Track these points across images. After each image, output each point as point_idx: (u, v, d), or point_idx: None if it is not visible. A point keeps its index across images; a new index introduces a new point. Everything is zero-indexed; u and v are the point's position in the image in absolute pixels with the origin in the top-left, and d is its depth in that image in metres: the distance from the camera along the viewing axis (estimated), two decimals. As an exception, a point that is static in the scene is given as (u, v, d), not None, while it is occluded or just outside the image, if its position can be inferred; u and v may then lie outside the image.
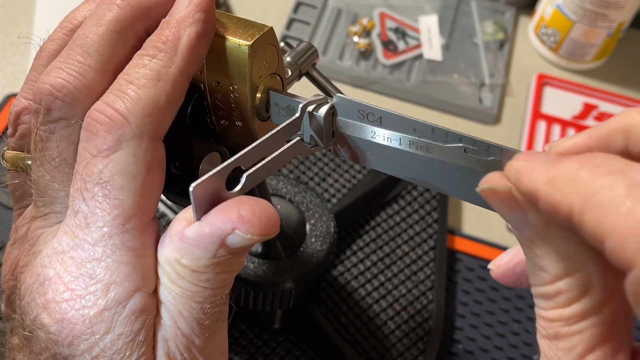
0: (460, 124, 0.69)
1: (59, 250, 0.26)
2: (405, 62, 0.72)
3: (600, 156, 0.20)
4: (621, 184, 0.19)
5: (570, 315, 0.22)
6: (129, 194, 0.25)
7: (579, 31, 0.71)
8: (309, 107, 0.28)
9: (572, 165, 0.20)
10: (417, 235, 0.58)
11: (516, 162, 0.22)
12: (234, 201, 0.25)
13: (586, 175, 0.20)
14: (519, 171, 0.22)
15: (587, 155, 0.20)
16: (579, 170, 0.20)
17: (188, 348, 0.26)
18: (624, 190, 0.19)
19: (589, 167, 0.20)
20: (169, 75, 0.26)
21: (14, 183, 0.31)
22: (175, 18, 0.27)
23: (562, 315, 0.22)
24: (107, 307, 0.25)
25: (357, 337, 0.52)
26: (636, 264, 0.18)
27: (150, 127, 0.25)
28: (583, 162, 0.20)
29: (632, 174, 0.19)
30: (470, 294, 0.57)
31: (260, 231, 0.25)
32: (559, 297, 0.22)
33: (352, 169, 0.61)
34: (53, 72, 0.26)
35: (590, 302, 0.22)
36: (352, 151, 0.29)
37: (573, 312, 0.22)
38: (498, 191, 0.23)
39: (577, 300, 0.22)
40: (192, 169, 0.31)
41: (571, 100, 0.72)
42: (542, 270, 0.23)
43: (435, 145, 0.26)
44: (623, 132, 0.23)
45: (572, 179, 0.20)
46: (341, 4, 0.76)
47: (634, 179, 0.19)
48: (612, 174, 0.19)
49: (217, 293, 0.26)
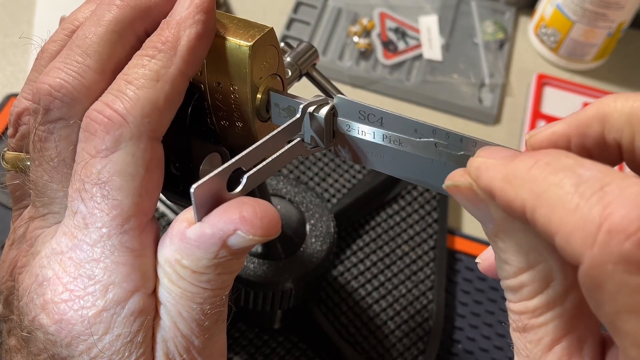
0: (460, 124, 0.69)
1: (58, 251, 0.26)
2: (405, 62, 0.72)
3: (552, 154, 0.21)
4: (569, 182, 0.19)
5: (535, 307, 0.22)
6: (127, 195, 0.25)
7: (579, 31, 0.71)
8: (310, 108, 0.28)
9: (525, 163, 0.21)
10: (417, 235, 0.58)
11: (477, 158, 0.23)
12: (235, 202, 0.25)
13: (537, 173, 0.20)
14: (478, 168, 0.23)
15: (540, 153, 0.21)
16: (531, 168, 0.21)
17: (187, 349, 0.26)
18: (571, 187, 0.19)
19: (540, 165, 0.20)
20: (168, 75, 0.26)
21: (14, 183, 0.31)
22: (176, 19, 0.27)
23: (527, 307, 0.23)
24: (106, 307, 0.25)
25: (357, 337, 0.52)
26: (583, 258, 0.18)
27: (149, 128, 0.25)
28: (536, 160, 0.21)
29: (580, 170, 0.20)
30: (470, 294, 0.57)
31: (262, 232, 0.25)
32: (523, 289, 0.23)
33: (352, 169, 0.61)
34: (52, 72, 0.26)
35: (552, 293, 0.22)
36: (352, 152, 0.29)
37: (537, 304, 0.22)
38: (460, 187, 0.24)
39: (540, 292, 0.22)
40: (193, 169, 0.31)
41: (571, 100, 0.72)
42: (506, 263, 0.23)
43: (407, 140, 0.27)
44: (599, 119, 0.24)
45: (525, 177, 0.21)
46: (341, 4, 0.76)
47: (582, 176, 0.19)
48: (561, 172, 0.20)
49: (217, 294, 0.26)
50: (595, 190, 0.19)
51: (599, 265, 0.18)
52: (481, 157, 0.23)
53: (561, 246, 0.19)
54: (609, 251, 0.18)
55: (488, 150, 0.23)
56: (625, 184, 0.19)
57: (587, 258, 0.18)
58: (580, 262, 0.19)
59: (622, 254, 0.18)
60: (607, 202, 0.18)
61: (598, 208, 0.18)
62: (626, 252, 0.18)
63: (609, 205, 0.18)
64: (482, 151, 0.24)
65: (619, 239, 0.18)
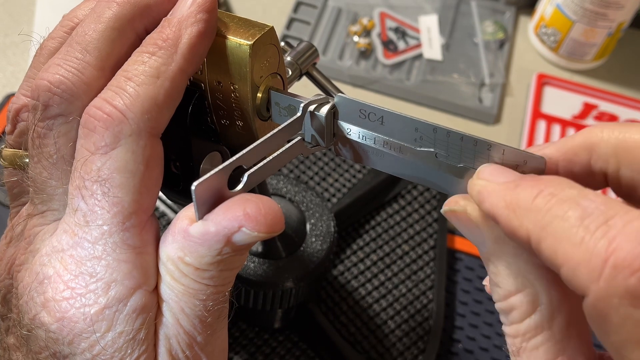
0: (460, 124, 0.69)
1: (59, 249, 0.26)
2: (405, 61, 0.73)
3: (555, 183, 0.21)
4: (574, 214, 0.20)
5: (525, 331, 0.23)
6: (127, 192, 0.25)
7: (579, 31, 0.71)
8: (310, 107, 0.28)
9: (529, 192, 0.21)
10: (417, 234, 0.58)
11: (478, 181, 0.24)
12: (238, 199, 0.25)
13: (542, 204, 0.21)
14: (480, 193, 0.23)
15: (543, 182, 0.22)
16: (535, 198, 0.21)
17: (190, 345, 0.26)
18: (576, 220, 0.20)
19: (545, 196, 0.21)
20: (168, 72, 0.26)
21: (11, 180, 0.31)
22: (177, 17, 0.27)
23: (518, 331, 0.24)
24: (108, 305, 0.25)
25: (357, 336, 0.52)
26: (589, 291, 0.19)
27: (148, 124, 0.25)
28: (539, 190, 0.21)
29: (584, 202, 0.20)
30: (470, 294, 0.57)
31: (266, 228, 0.25)
32: (513, 312, 0.24)
33: (352, 169, 0.61)
34: (51, 68, 0.26)
35: (539, 317, 0.23)
36: (353, 150, 0.29)
37: (527, 327, 0.23)
38: (457, 212, 0.25)
39: (528, 315, 0.23)
40: (193, 168, 0.31)
41: (571, 99, 0.72)
42: (497, 286, 0.24)
43: (408, 148, 0.27)
44: (586, 148, 0.25)
45: (529, 207, 0.21)
46: (341, 4, 0.76)
47: (586, 209, 0.20)
48: (565, 203, 0.20)
49: (220, 290, 0.26)
50: (600, 224, 0.19)
51: (605, 299, 0.19)
52: (482, 179, 0.24)
53: (567, 278, 0.20)
54: (615, 285, 0.18)
55: (488, 171, 0.24)
56: (628, 217, 0.19)
57: (593, 291, 0.19)
58: (586, 295, 0.19)
59: (627, 289, 0.18)
60: (611, 236, 0.19)
61: (603, 242, 0.19)
62: (632, 287, 0.18)
63: (614, 240, 0.19)
64: (482, 172, 0.24)
65: (624, 274, 0.18)
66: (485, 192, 0.23)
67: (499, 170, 0.24)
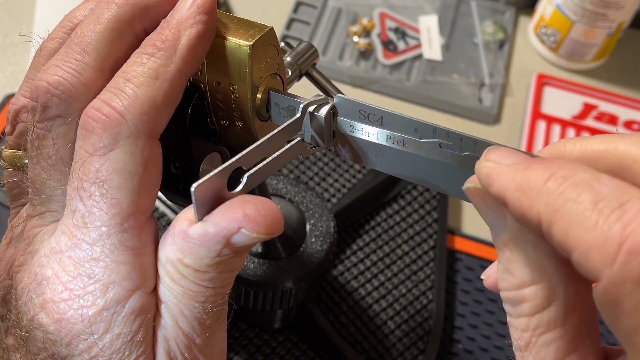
0: (460, 124, 0.69)
1: (57, 250, 0.26)
2: (405, 62, 0.72)
3: (568, 166, 0.21)
4: (587, 197, 0.19)
5: (536, 326, 0.23)
6: (126, 193, 0.25)
7: (579, 31, 0.71)
8: (310, 108, 0.28)
9: (541, 174, 0.21)
10: (417, 234, 0.58)
11: (485, 163, 0.23)
12: (237, 200, 0.25)
13: (554, 187, 0.20)
14: (488, 175, 0.22)
15: (555, 164, 0.21)
16: (547, 181, 0.20)
17: (189, 347, 0.26)
18: (589, 204, 0.19)
19: (557, 179, 0.20)
20: (167, 74, 0.26)
21: (11, 181, 0.31)
22: (176, 18, 0.27)
23: (529, 325, 0.23)
24: (106, 306, 0.25)
25: (357, 336, 0.52)
26: (602, 276, 0.19)
27: (147, 126, 0.25)
28: (551, 173, 0.21)
29: (598, 186, 0.20)
30: (470, 294, 0.57)
31: (266, 229, 0.25)
32: (523, 304, 0.23)
33: (352, 169, 0.61)
34: (50, 69, 0.26)
35: (553, 313, 0.22)
36: (353, 151, 0.29)
37: (538, 322, 0.23)
38: (481, 190, 0.24)
39: (541, 310, 0.22)
40: (193, 169, 0.31)
41: (571, 100, 0.72)
42: (509, 274, 0.23)
43: (411, 140, 0.27)
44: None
45: (540, 189, 0.20)
46: (341, 4, 0.76)
47: (599, 192, 0.19)
48: (578, 186, 0.20)
49: (219, 292, 0.26)
50: (614, 207, 0.19)
51: (619, 284, 0.18)
52: (490, 161, 0.23)
53: (579, 262, 0.19)
54: (629, 270, 0.18)
55: (496, 153, 0.23)
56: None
57: (606, 276, 0.18)
58: (599, 279, 0.19)
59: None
60: (627, 220, 0.18)
61: (618, 226, 0.18)
62: None
63: (629, 224, 0.18)
64: (489, 153, 0.23)
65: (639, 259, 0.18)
66: (494, 174, 0.22)
67: (508, 152, 0.23)
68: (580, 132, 0.69)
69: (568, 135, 0.69)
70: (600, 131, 0.70)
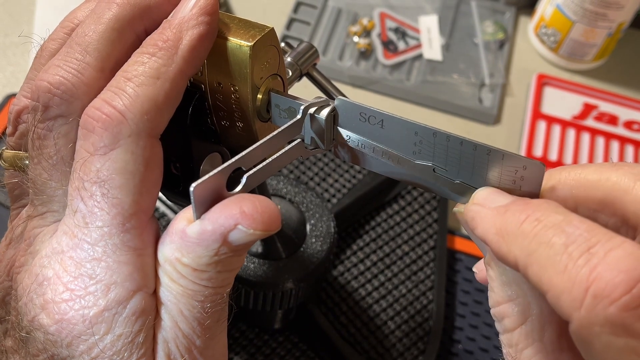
0: (460, 124, 0.69)
1: (58, 250, 0.26)
2: (405, 62, 0.72)
3: (542, 208, 0.22)
4: (558, 241, 0.20)
5: (517, 341, 0.24)
6: (127, 193, 0.25)
7: (579, 31, 0.71)
8: (311, 109, 0.28)
9: (516, 217, 0.22)
10: (417, 235, 0.58)
11: (472, 207, 0.25)
12: (234, 198, 0.25)
13: (528, 230, 0.21)
14: (473, 219, 0.24)
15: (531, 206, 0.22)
16: (522, 223, 0.22)
17: (189, 349, 0.26)
18: (560, 247, 0.20)
19: (531, 221, 0.21)
20: (168, 73, 0.26)
21: (12, 182, 0.30)
22: (178, 19, 0.27)
23: (511, 340, 0.24)
24: (108, 307, 0.25)
25: (357, 337, 0.52)
26: (572, 318, 0.20)
27: (147, 125, 0.25)
28: (527, 215, 0.22)
29: (568, 229, 0.21)
30: (470, 294, 0.57)
31: (262, 226, 0.25)
32: (505, 320, 0.24)
33: (352, 169, 0.61)
34: (51, 69, 0.26)
35: (530, 327, 0.24)
36: (352, 153, 0.29)
37: (518, 338, 0.24)
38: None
39: (519, 325, 0.24)
40: (193, 169, 0.31)
41: (571, 100, 0.72)
42: (492, 291, 0.25)
43: (405, 160, 0.27)
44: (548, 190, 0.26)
45: (516, 232, 0.22)
46: (341, 4, 0.76)
47: (570, 236, 0.20)
48: (550, 229, 0.21)
49: (218, 292, 0.26)
50: (583, 251, 0.20)
51: (587, 327, 0.19)
52: (476, 205, 0.24)
53: (552, 304, 0.20)
54: (595, 314, 0.19)
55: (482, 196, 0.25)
56: (610, 245, 0.20)
57: (576, 319, 0.20)
58: (570, 321, 0.20)
59: (607, 318, 0.19)
60: (593, 265, 0.19)
61: (585, 271, 0.19)
62: (611, 316, 0.19)
63: (595, 269, 0.19)
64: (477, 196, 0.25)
65: (603, 303, 0.19)
66: (478, 217, 0.24)
67: (493, 194, 0.24)
68: (580, 132, 0.69)
69: (568, 136, 0.69)
70: (600, 131, 0.70)
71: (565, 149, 0.68)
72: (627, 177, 0.24)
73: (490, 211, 0.23)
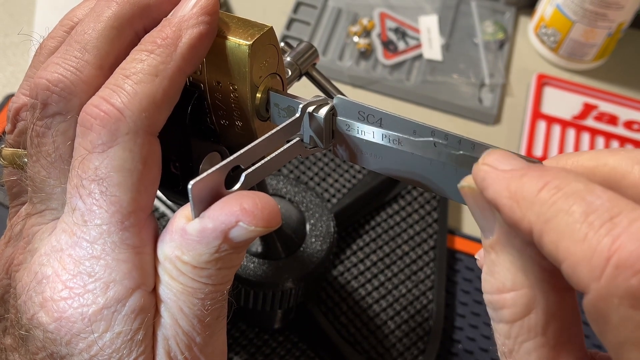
0: (460, 124, 0.69)
1: (57, 248, 0.26)
2: (405, 62, 0.72)
3: (562, 176, 0.21)
4: (578, 209, 0.19)
5: (517, 334, 0.23)
6: (126, 190, 0.25)
7: (579, 31, 0.71)
8: (309, 108, 0.28)
9: (534, 184, 0.21)
10: (417, 235, 0.58)
11: (482, 166, 0.23)
12: (234, 195, 0.25)
13: (546, 197, 0.20)
14: (484, 179, 0.23)
15: (550, 173, 0.21)
16: (541, 191, 0.20)
17: (189, 346, 0.26)
18: (580, 215, 0.19)
19: (550, 189, 0.20)
20: (167, 71, 0.26)
21: (10, 180, 0.30)
22: (178, 17, 0.27)
23: (510, 332, 0.23)
24: (107, 305, 0.25)
25: (357, 337, 0.52)
26: (589, 289, 0.19)
27: (146, 123, 0.25)
28: (545, 182, 0.21)
29: (590, 197, 0.20)
30: (470, 294, 0.57)
31: (263, 222, 0.25)
32: (504, 310, 0.23)
33: (352, 169, 0.61)
34: (50, 67, 0.26)
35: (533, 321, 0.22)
36: (350, 152, 0.29)
37: (519, 330, 0.23)
38: (475, 191, 0.24)
39: (521, 317, 0.23)
40: (192, 168, 0.31)
41: (571, 100, 0.72)
42: (492, 276, 0.23)
43: (406, 139, 0.27)
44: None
45: (533, 199, 0.20)
46: (341, 4, 0.76)
47: (591, 204, 0.19)
48: (570, 197, 0.20)
49: (218, 289, 0.26)
50: (605, 220, 0.19)
51: (605, 298, 0.18)
52: (487, 165, 0.23)
53: (567, 274, 0.19)
54: (616, 285, 0.18)
55: (493, 157, 0.23)
56: (634, 215, 0.19)
57: (594, 290, 0.18)
58: (586, 292, 0.19)
59: (628, 289, 0.18)
60: (615, 234, 0.18)
61: (607, 240, 0.18)
62: (633, 288, 0.18)
63: (617, 239, 0.18)
64: (487, 157, 0.23)
65: (626, 274, 0.18)
66: (489, 178, 0.22)
67: (506, 156, 0.23)
68: (580, 132, 0.69)
69: (568, 136, 0.69)
70: (600, 131, 0.70)
71: (565, 149, 0.68)
72: (624, 161, 0.23)
73: (503, 173, 0.22)
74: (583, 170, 0.24)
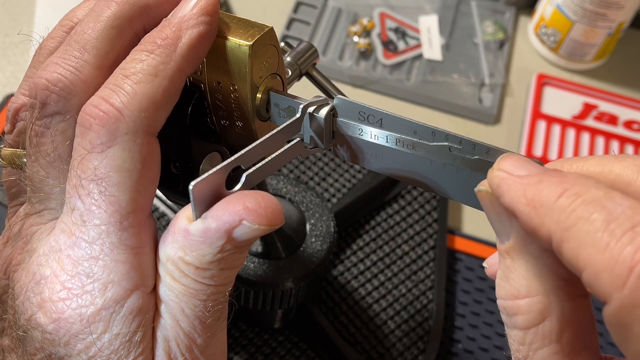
0: (460, 124, 0.69)
1: (56, 249, 0.26)
2: (405, 62, 0.72)
3: (581, 183, 0.20)
4: (599, 217, 0.19)
5: (532, 341, 0.22)
6: (125, 191, 0.25)
7: (579, 31, 0.71)
8: (310, 108, 0.28)
9: (553, 190, 0.20)
10: (417, 234, 0.58)
11: (497, 172, 0.22)
12: (236, 195, 0.25)
13: (566, 205, 0.20)
14: (499, 186, 0.22)
15: (568, 180, 0.20)
16: (559, 198, 0.20)
17: (189, 348, 0.26)
18: (601, 224, 0.19)
19: (569, 196, 0.20)
20: (166, 71, 0.26)
21: (9, 180, 0.30)
22: (178, 17, 0.27)
23: (525, 339, 0.23)
24: (105, 306, 0.25)
25: (357, 336, 0.52)
26: (611, 299, 0.18)
27: (145, 123, 0.25)
28: (564, 189, 0.20)
29: (610, 205, 0.19)
30: (470, 294, 0.57)
31: (267, 221, 0.25)
32: (518, 317, 0.23)
33: (352, 169, 0.61)
34: (50, 67, 0.26)
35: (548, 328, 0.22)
36: (351, 152, 0.29)
37: (533, 337, 0.22)
38: (492, 195, 0.23)
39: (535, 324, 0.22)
40: (193, 169, 0.31)
41: (571, 100, 0.72)
42: (507, 282, 0.23)
43: (421, 144, 0.26)
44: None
45: (551, 206, 0.20)
46: (341, 4, 0.76)
47: (612, 212, 0.19)
48: (591, 205, 0.19)
49: (220, 290, 0.26)
50: (626, 229, 0.19)
51: (628, 308, 0.18)
52: (502, 171, 0.22)
53: (588, 282, 0.19)
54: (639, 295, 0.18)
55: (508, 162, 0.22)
56: None
57: (616, 299, 0.18)
58: (608, 302, 0.19)
59: None
60: (638, 243, 0.18)
61: (629, 249, 0.18)
62: None
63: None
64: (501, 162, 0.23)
65: None
66: (505, 185, 0.22)
67: (521, 161, 0.22)
68: (580, 132, 0.69)
69: (568, 136, 0.69)
70: (600, 131, 0.70)
71: (565, 149, 0.68)
72: (630, 168, 0.23)
73: (519, 179, 0.22)
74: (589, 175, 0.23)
